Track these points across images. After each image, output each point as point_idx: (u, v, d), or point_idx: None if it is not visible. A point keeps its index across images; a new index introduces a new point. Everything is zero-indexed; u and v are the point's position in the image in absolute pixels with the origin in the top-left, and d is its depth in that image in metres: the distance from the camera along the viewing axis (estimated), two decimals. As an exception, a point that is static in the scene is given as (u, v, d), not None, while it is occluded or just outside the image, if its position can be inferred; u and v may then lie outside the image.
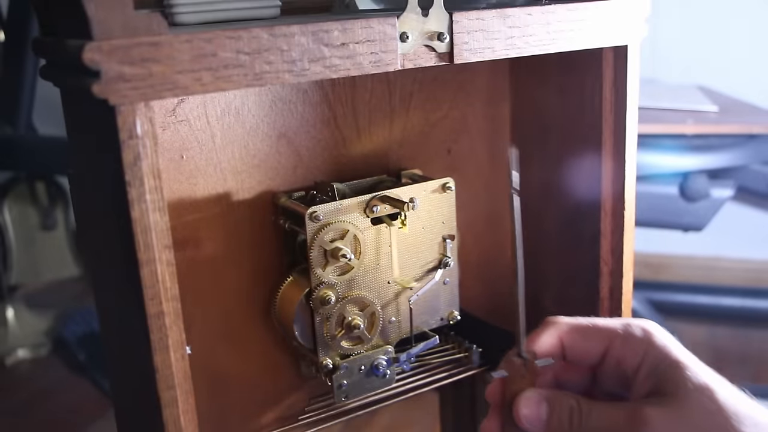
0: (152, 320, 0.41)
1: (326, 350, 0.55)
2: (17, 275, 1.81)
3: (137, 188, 0.39)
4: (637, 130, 0.57)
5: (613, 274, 0.60)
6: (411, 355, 0.59)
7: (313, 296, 0.54)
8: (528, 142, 0.66)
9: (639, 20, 0.54)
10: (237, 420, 0.59)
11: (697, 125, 1.31)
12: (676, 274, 1.95)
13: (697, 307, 1.75)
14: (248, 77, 0.41)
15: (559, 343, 0.49)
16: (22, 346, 1.74)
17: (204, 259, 0.55)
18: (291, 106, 0.57)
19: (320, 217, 0.53)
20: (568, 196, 0.63)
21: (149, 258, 0.40)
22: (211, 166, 0.54)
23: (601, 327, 0.48)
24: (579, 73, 0.59)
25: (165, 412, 0.42)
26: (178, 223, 0.53)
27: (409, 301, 0.58)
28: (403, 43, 0.46)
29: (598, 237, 0.59)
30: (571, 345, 0.49)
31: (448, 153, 0.65)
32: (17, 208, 1.81)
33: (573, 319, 0.50)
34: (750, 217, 1.88)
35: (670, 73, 1.82)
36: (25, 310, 1.80)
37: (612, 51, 0.56)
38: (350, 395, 0.56)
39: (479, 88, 0.65)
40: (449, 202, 0.58)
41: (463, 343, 0.62)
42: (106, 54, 0.37)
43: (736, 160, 1.33)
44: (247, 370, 0.59)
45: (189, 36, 0.39)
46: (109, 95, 0.37)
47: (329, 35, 0.43)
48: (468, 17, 0.48)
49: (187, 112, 0.52)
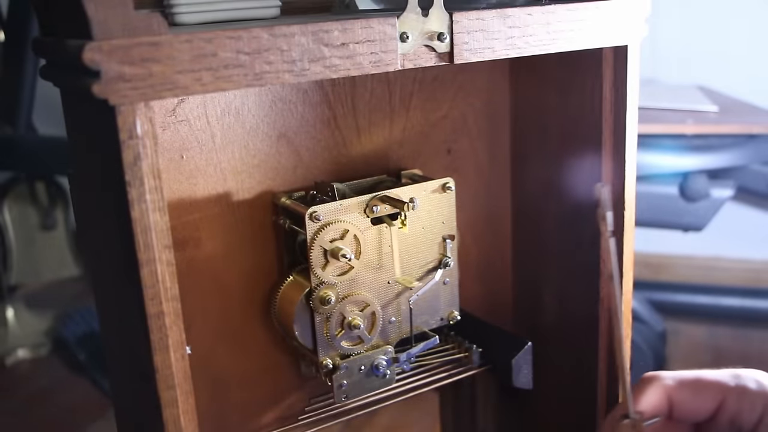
0: (152, 320, 0.41)
1: (326, 350, 0.55)
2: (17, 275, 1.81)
3: (137, 188, 0.39)
4: (637, 130, 0.57)
5: (613, 274, 0.60)
6: (411, 355, 0.59)
7: (313, 296, 0.54)
8: (528, 142, 0.66)
9: (639, 20, 0.54)
10: (237, 420, 0.59)
11: (697, 125, 1.31)
12: (676, 274, 1.95)
13: (697, 307, 1.75)
14: (248, 77, 0.41)
15: (667, 401, 0.46)
16: (22, 346, 1.74)
17: (204, 259, 0.55)
18: (291, 106, 0.57)
19: (320, 217, 0.53)
20: (568, 196, 0.63)
21: (149, 258, 0.40)
22: (211, 166, 0.54)
23: (711, 381, 0.46)
24: (579, 73, 0.59)
25: (165, 412, 0.42)
26: (178, 223, 0.53)
27: (409, 301, 0.58)
28: (403, 43, 0.46)
29: (598, 237, 0.59)
30: (680, 402, 0.46)
31: (448, 153, 0.65)
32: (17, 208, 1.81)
33: (677, 373, 0.47)
34: (750, 217, 1.88)
35: (670, 73, 1.82)
36: (25, 310, 1.80)
37: (612, 51, 0.56)
38: (350, 395, 0.56)
39: (479, 88, 0.65)
40: (449, 202, 0.58)
41: (463, 343, 0.62)
42: (106, 54, 0.37)
43: (736, 160, 1.33)
44: (247, 370, 0.59)
45: (189, 36, 0.39)
46: (109, 95, 0.37)
47: (329, 35, 0.43)
48: (468, 17, 0.48)
49: (187, 112, 0.52)
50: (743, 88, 1.67)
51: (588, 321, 0.62)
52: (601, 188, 0.42)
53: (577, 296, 0.63)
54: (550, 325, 0.67)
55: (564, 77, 0.61)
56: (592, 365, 0.61)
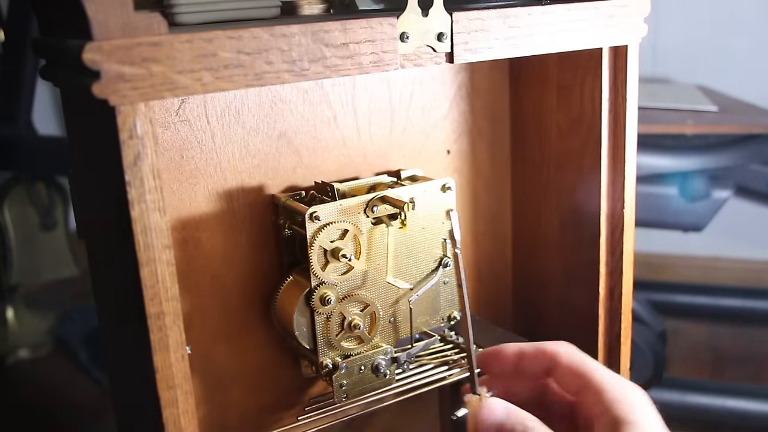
0: (152, 320, 0.41)
1: (326, 350, 0.55)
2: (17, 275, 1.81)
3: (137, 188, 0.39)
4: (637, 130, 0.57)
5: (613, 274, 0.60)
6: (411, 355, 0.59)
7: (313, 296, 0.54)
8: (528, 142, 0.66)
9: (639, 20, 0.54)
10: (237, 420, 0.59)
11: (697, 125, 1.31)
12: (676, 274, 1.95)
13: (697, 307, 1.75)
14: (248, 77, 0.41)
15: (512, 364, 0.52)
16: (22, 345, 1.74)
17: (204, 259, 0.55)
18: (291, 106, 0.57)
19: (320, 217, 0.53)
20: (568, 197, 0.63)
21: (149, 258, 0.40)
22: (211, 166, 0.54)
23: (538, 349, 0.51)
24: (579, 73, 0.59)
25: (165, 412, 0.42)
26: (178, 223, 0.53)
27: (409, 301, 0.58)
28: (403, 43, 0.46)
29: (598, 237, 0.59)
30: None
31: (448, 153, 0.65)
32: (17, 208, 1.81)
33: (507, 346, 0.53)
34: (750, 217, 1.88)
35: (670, 73, 1.82)
36: (25, 310, 1.80)
37: (612, 51, 0.56)
38: (350, 395, 0.56)
39: (479, 88, 0.65)
40: (449, 202, 0.58)
41: (463, 342, 0.62)
42: (106, 54, 0.37)
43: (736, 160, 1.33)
44: (247, 370, 0.59)
45: (189, 36, 0.39)
46: (109, 95, 0.37)
47: (329, 35, 0.43)
48: (468, 17, 0.48)
49: (187, 112, 0.52)
50: (743, 88, 1.67)
51: (588, 321, 0.62)
52: (452, 213, 0.54)
53: (577, 296, 0.63)
54: (550, 325, 0.68)
55: (564, 77, 0.61)
56: (592, 365, 0.61)
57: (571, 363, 0.49)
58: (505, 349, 0.52)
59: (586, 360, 0.49)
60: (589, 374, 0.48)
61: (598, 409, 0.46)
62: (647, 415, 0.45)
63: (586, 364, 0.49)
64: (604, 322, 0.61)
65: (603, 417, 0.46)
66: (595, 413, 0.47)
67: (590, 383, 0.48)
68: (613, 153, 0.58)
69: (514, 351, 0.52)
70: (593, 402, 0.47)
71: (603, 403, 0.46)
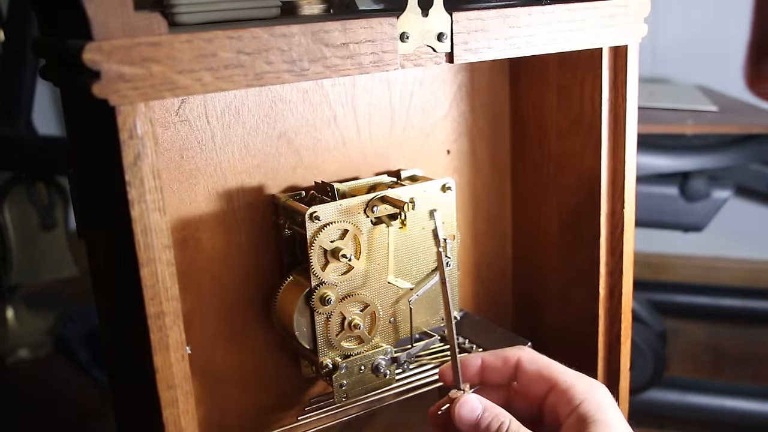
0: (152, 320, 0.41)
1: (326, 350, 0.55)
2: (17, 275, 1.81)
3: (137, 188, 0.39)
4: (637, 130, 0.57)
5: (613, 274, 0.60)
6: (411, 355, 0.59)
7: (313, 296, 0.54)
8: (528, 142, 0.66)
9: (639, 20, 0.54)
10: (237, 420, 0.59)
11: (697, 125, 1.31)
12: (676, 274, 1.95)
13: (697, 307, 1.75)
14: (248, 77, 0.41)
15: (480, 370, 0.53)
16: (22, 346, 1.74)
17: (204, 259, 0.55)
18: (291, 106, 0.57)
19: (320, 217, 0.53)
20: (568, 197, 0.63)
21: (149, 258, 0.40)
22: (211, 166, 0.54)
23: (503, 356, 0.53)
24: (579, 73, 0.59)
25: (165, 412, 0.42)
26: (178, 223, 0.53)
27: (409, 301, 0.58)
28: (403, 43, 0.46)
29: (598, 237, 0.60)
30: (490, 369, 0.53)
31: (448, 153, 0.65)
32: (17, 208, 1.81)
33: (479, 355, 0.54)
34: (750, 217, 1.88)
35: (669, 73, 1.82)
36: (25, 310, 1.80)
37: (612, 51, 0.56)
38: (350, 395, 0.56)
39: (479, 88, 0.65)
40: (449, 202, 0.58)
41: (463, 343, 0.62)
42: (106, 54, 0.37)
43: (736, 160, 1.33)
44: (247, 370, 0.59)
45: (189, 36, 0.39)
46: (109, 95, 0.37)
47: (329, 35, 0.43)
48: (468, 17, 0.48)
49: (187, 112, 0.52)
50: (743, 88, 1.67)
51: (588, 321, 0.62)
52: (435, 213, 0.56)
53: (577, 296, 0.63)
54: (550, 325, 0.68)
55: (564, 77, 0.61)
56: (592, 364, 0.61)
57: (534, 367, 0.50)
58: (468, 361, 0.53)
59: (549, 362, 0.50)
60: (554, 376, 0.49)
61: (564, 410, 0.47)
62: (613, 413, 0.46)
63: (549, 366, 0.50)
64: (604, 322, 0.61)
65: (570, 417, 0.47)
66: (561, 414, 0.48)
67: (556, 385, 0.49)
68: (613, 153, 0.58)
69: (477, 363, 0.52)
70: (559, 403, 0.48)
71: (569, 403, 0.47)
